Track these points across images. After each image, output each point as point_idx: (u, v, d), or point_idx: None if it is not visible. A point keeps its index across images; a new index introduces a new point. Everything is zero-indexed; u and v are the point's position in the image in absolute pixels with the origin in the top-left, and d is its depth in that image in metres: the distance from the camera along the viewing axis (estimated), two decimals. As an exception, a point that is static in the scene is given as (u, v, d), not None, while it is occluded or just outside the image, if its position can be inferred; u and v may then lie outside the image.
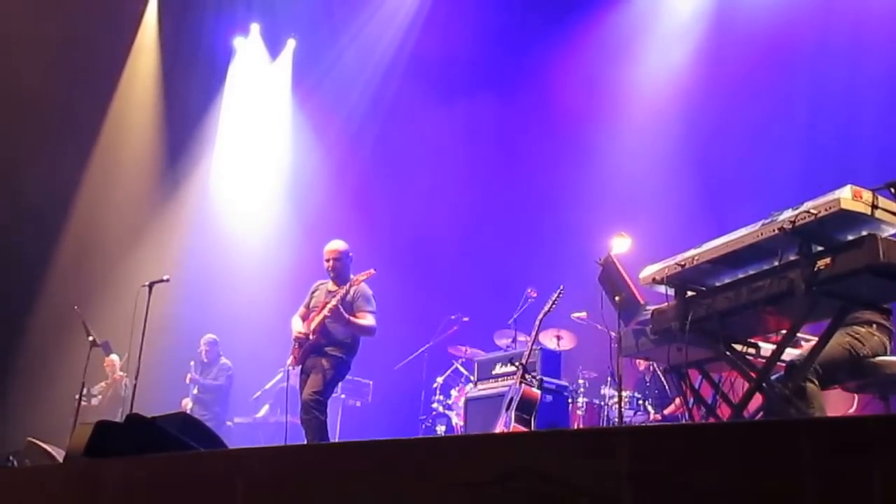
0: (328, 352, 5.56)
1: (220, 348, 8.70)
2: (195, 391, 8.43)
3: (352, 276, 5.74)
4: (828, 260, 2.93)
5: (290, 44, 10.98)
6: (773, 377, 3.43)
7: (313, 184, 10.39)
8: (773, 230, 3.03)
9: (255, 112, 10.99)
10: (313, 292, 5.94)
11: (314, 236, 9.30)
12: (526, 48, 9.82)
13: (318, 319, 5.56)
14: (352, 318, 5.52)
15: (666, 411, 6.76)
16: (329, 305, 5.50)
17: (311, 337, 5.56)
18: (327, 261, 5.79)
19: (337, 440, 7.47)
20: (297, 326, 5.74)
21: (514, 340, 7.56)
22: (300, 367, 5.66)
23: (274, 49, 11.03)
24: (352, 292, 5.63)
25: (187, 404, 8.35)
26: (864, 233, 2.89)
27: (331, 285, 5.79)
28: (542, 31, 9.65)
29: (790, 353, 3.53)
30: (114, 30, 9.91)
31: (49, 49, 8.95)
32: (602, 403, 6.89)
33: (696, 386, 3.96)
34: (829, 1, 7.46)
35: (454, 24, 9.95)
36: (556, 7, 9.58)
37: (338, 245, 5.84)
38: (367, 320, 5.59)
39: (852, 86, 6.99)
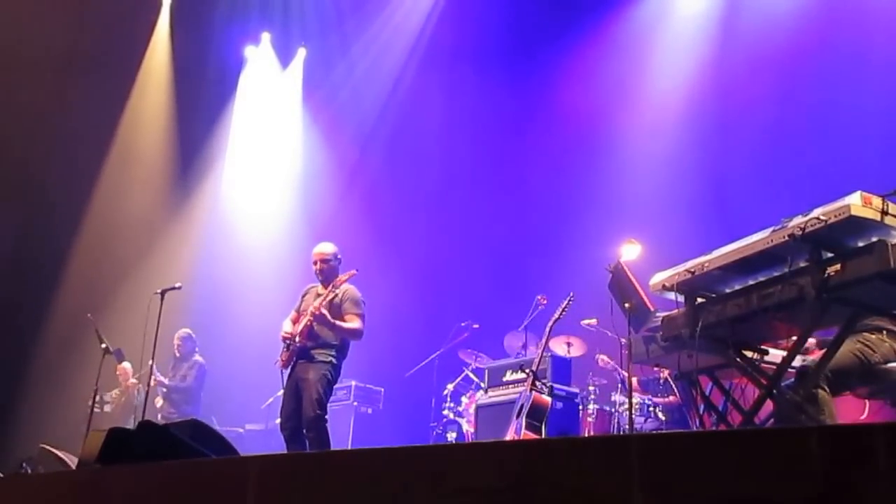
0: (316, 356, 5.47)
1: (195, 344, 8.49)
2: (164, 389, 8.25)
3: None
4: (838, 266, 2.93)
5: (301, 52, 11.02)
6: (783, 384, 3.42)
7: (324, 191, 10.42)
8: (784, 237, 3.03)
9: (266, 121, 11.03)
10: (304, 295, 5.87)
11: (325, 243, 9.34)
12: (536, 54, 9.83)
13: (304, 322, 5.50)
14: (336, 322, 5.44)
15: (658, 399, 6.70)
16: (311, 308, 5.45)
17: (297, 340, 5.52)
18: (315, 263, 5.71)
19: (349, 447, 7.48)
20: (286, 328, 5.68)
21: (525, 347, 7.55)
22: (289, 370, 5.61)
23: (285, 58, 11.07)
24: (340, 294, 5.56)
25: (158, 402, 8.26)
26: (875, 239, 2.89)
27: (320, 288, 5.70)
28: (551, 38, 9.66)
29: (800, 360, 3.52)
30: (126, 39, 9.98)
31: (62, 59, 9.02)
32: (612, 410, 6.86)
33: (707, 392, 3.95)
34: (838, 5, 7.45)
35: (465, 32, 9.98)
36: (564, 15, 9.59)
37: (325, 248, 5.76)
38: (353, 323, 5.50)
39: (862, 91, 6.96)
